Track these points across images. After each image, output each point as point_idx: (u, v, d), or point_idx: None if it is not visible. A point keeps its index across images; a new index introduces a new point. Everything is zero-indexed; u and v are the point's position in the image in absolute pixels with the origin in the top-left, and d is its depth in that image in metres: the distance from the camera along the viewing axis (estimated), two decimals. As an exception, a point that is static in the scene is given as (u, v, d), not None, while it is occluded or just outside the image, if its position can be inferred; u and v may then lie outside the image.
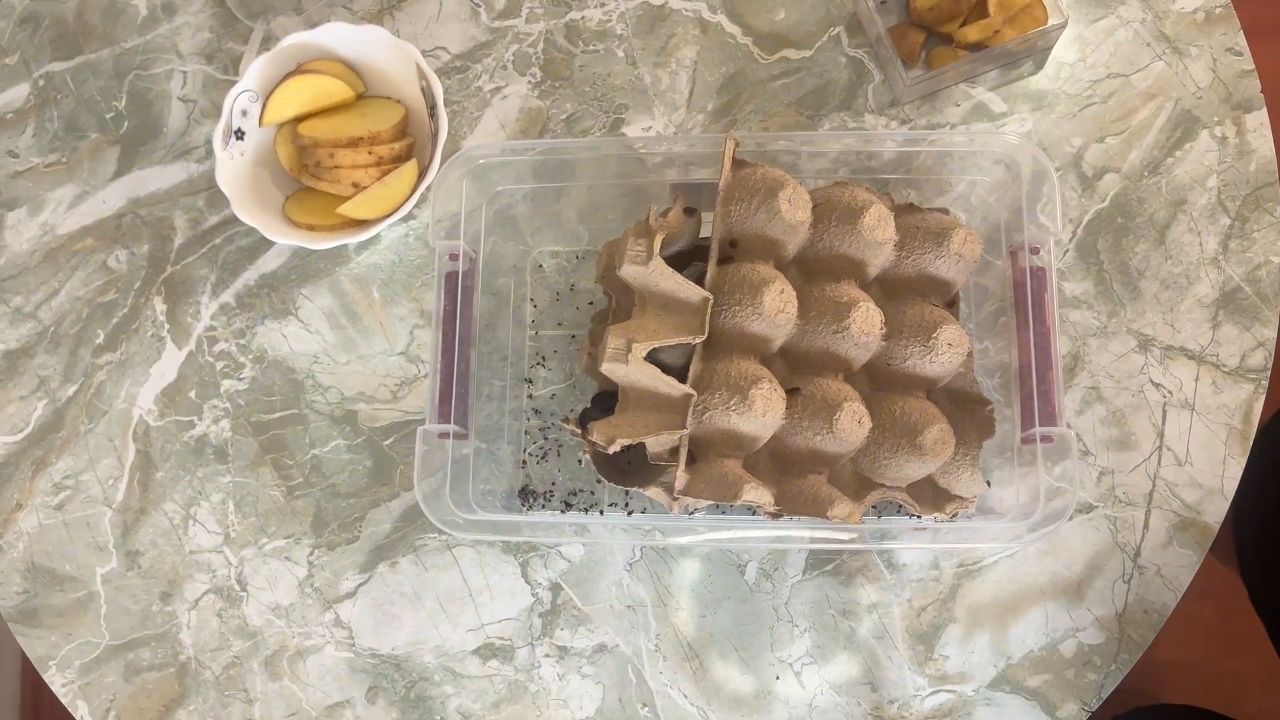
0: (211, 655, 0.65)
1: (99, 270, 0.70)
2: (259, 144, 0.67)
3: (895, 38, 0.66)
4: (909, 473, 0.56)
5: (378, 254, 0.69)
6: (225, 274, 0.69)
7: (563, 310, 0.67)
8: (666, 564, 0.63)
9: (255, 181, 0.67)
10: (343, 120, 0.66)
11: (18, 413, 0.69)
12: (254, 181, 0.67)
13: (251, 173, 0.67)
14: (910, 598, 0.62)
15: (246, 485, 0.66)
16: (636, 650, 0.63)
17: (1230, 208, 0.65)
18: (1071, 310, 0.64)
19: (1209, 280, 0.64)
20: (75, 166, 0.72)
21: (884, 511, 0.61)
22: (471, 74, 0.71)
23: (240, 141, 0.66)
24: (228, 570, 0.65)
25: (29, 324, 0.70)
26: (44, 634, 0.66)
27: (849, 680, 0.62)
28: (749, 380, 0.53)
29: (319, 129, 0.65)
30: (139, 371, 0.68)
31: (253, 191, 0.66)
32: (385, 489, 0.66)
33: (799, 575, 0.63)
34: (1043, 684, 0.61)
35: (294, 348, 0.68)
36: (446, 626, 0.64)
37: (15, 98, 0.73)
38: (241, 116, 0.65)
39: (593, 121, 0.69)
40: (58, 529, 0.67)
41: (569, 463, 0.64)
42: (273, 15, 0.72)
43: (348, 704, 0.63)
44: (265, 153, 0.67)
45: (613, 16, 0.70)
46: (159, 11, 0.74)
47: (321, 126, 0.65)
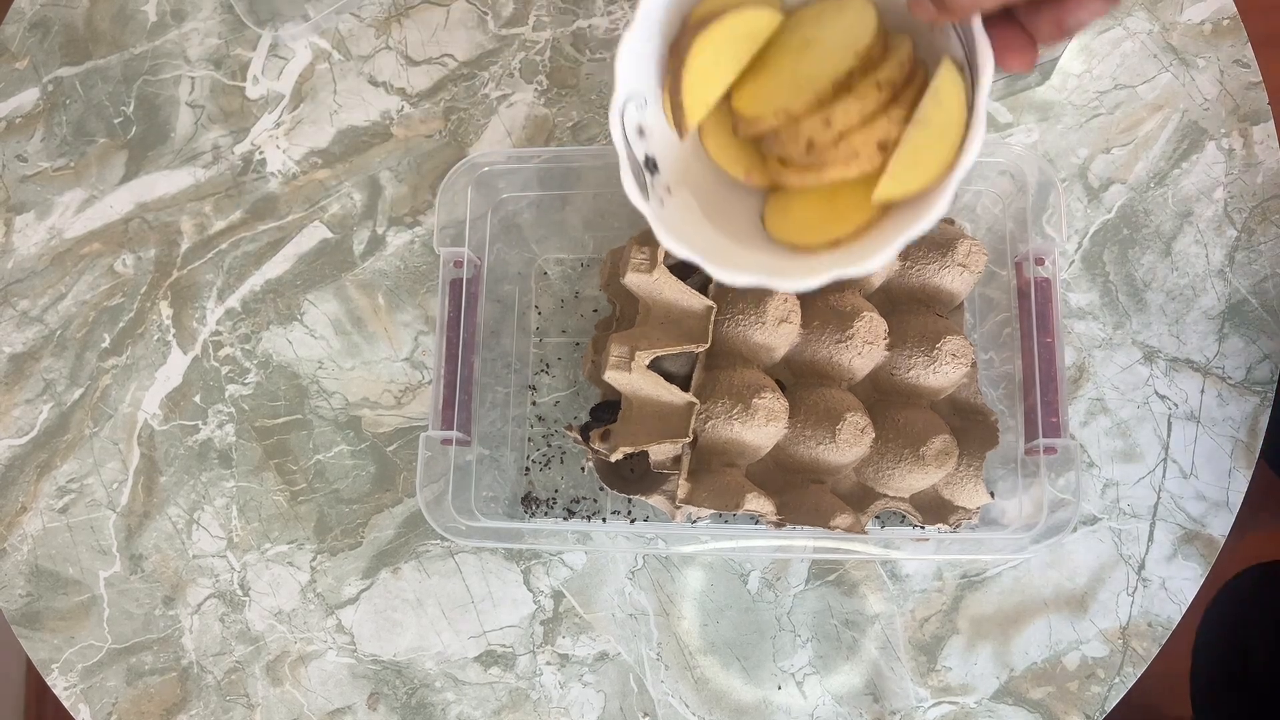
0: (213, 660, 0.65)
1: (105, 274, 0.70)
2: (681, 160, 0.44)
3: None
4: (912, 483, 0.56)
5: (383, 260, 0.69)
6: (231, 279, 0.70)
7: (567, 317, 0.67)
8: (669, 572, 0.63)
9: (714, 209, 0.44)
10: (796, 60, 0.41)
11: (23, 416, 0.69)
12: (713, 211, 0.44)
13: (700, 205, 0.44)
14: (913, 609, 0.62)
15: (250, 490, 0.66)
16: (638, 659, 0.63)
17: (1237, 220, 0.65)
18: (1076, 321, 0.64)
19: (1215, 292, 0.64)
20: (83, 171, 0.72)
21: (887, 522, 0.61)
22: (478, 81, 0.71)
23: (658, 174, 0.43)
24: (230, 575, 0.65)
25: (35, 327, 0.70)
26: (47, 637, 0.66)
27: (851, 691, 0.61)
28: (752, 389, 0.53)
29: (776, 94, 0.41)
30: (144, 376, 0.69)
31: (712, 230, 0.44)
32: (388, 495, 0.66)
33: (801, 585, 0.63)
34: (1045, 696, 0.61)
35: (299, 353, 0.68)
36: (448, 633, 0.64)
37: (25, 102, 0.74)
38: (640, 138, 0.43)
39: (599, 129, 0.69)
40: (61, 532, 0.67)
41: (572, 470, 0.64)
42: (280, 21, 0.72)
43: (349, 710, 0.63)
44: (696, 169, 0.45)
45: (620, 25, 0.71)
46: (168, 18, 0.74)
47: (776, 88, 0.41)
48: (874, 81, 0.39)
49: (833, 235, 0.41)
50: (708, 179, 0.45)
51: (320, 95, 0.72)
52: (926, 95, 0.39)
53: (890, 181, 0.39)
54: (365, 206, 0.70)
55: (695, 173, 0.45)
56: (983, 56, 0.37)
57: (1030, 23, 0.37)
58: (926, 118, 0.39)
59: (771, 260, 0.42)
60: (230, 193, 0.71)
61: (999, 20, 0.37)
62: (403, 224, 0.69)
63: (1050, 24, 0.36)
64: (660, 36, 0.42)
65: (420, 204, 0.69)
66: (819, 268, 0.40)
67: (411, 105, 0.71)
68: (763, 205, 0.45)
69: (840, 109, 0.39)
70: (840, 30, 0.40)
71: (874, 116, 0.39)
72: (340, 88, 0.72)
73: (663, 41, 0.43)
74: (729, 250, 0.43)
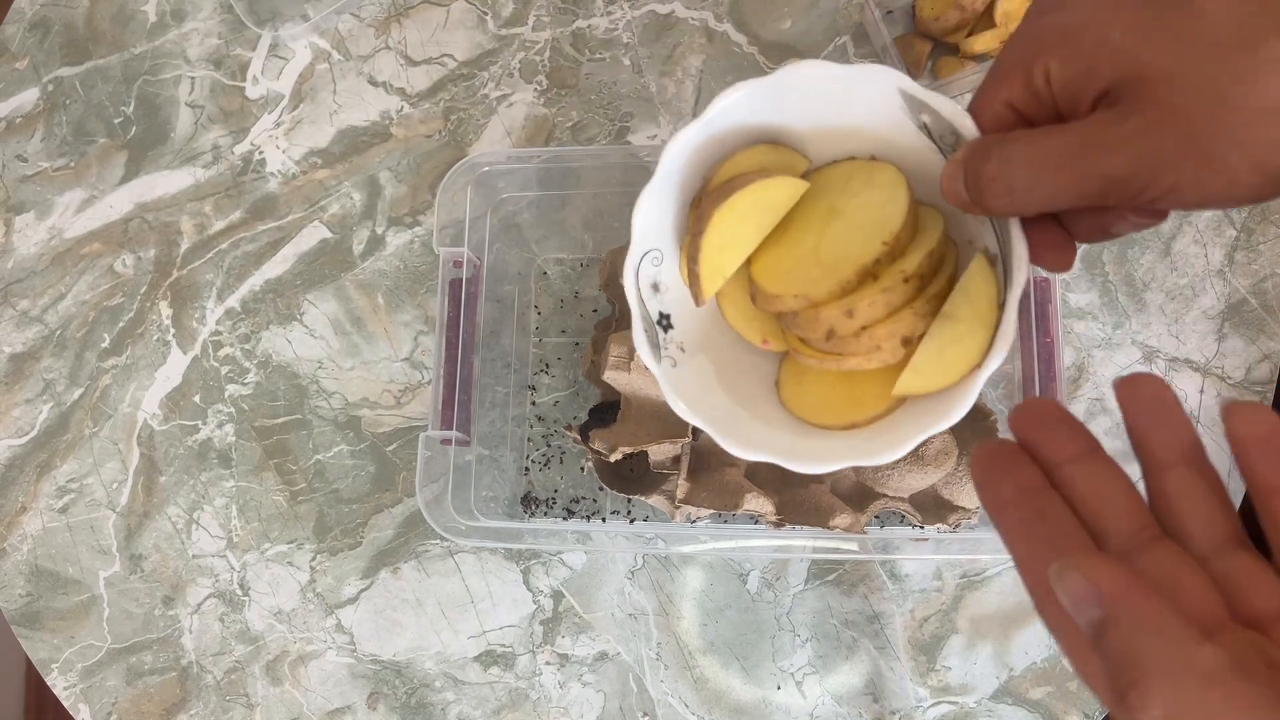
0: (213, 660, 0.65)
1: (105, 274, 0.70)
2: (695, 319, 0.43)
3: (901, 48, 0.66)
4: (911, 483, 0.55)
5: (383, 260, 0.69)
6: (231, 279, 0.70)
7: (566, 317, 0.67)
8: (668, 572, 0.63)
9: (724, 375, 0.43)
10: (820, 234, 0.40)
11: (23, 416, 0.69)
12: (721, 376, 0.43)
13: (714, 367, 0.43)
14: (912, 608, 0.62)
15: (249, 490, 0.66)
16: (638, 658, 0.63)
17: (1236, 219, 0.65)
18: (1076, 321, 0.64)
19: (1214, 292, 0.64)
20: (83, 171, 0.72)
21: (886, 522, 0.61)
22: (478, 81, 0.71)
23: (671, 331, 0.42)
24: (230, 575, 0.66)
25: (35, 327, 0.70)
26: (46, 637, 0.66)
27: (850, 691, 0.61)
28: (751, 389, 0.53)
29: (797, 271, 0.39)
30: (144, 376, 0.69)
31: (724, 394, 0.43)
32: (388, 495, 0.66)
33: (801, 585, 0.63)
34: (1045, 696, 0.61)
35: (298, 353, 0.68)
36: (448, 633, 0.64)
37: (25, 102, 0.74)
38: (654, 294, 0.42)
39: (598, 130, 0.69)
40: (61, 532, 0.67)
41: (571, 470, 0.64)
42: (280, 21, 0.72)
43: (349, 710, 0.63)
44: (711, 328, 0.43)
45: (619, 25, 0.71)
46: (168, 18, 0.74)
47: (796, 264, 0.39)
48: (901, 272, 0.37)
49: (849, 419, 0.40)
50: (723, 340, 0.44)
51: (320, 95, 0.72)
52: (956, 289, 0.37)
53: (912, 376, 0.37)
54: (365, 206, 0.70)
55: (710, 333, 0.44)
56: (1018, 254, 0.35)
57: (1070, 223, 0.35)
58: (954, 313, 0.37)
59: (782, 438, 0.41)
60: (230, 193, 0.71)
61: (1037, 216, 0.35)
62: (402, 224, 0.69)
63: (1093, 229, 0.34)
64: (679, 192, 0.42)
65: (420, 204, 0.69)
66: (833, 455, 0.39)
67: (411, 105, 0.71)
68: (777, 370, 0.44)
69: (864, 301, 0.37)
70: (869, 206, 0.39)
71: (899, 309, 0.38)
72: (340, 88, 0.72)
73: (681, 197, 0.42)
74: (740, 421, 0.42)
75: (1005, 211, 0.33)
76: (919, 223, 0.39)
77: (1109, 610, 0.22)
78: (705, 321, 0.44)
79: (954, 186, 0.34)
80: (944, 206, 0.39)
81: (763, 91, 0.39)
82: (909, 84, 0.38)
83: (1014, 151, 0.32)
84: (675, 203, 0.42)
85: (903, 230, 0.38)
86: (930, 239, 0.38)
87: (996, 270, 0.37)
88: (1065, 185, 0.31)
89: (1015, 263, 0.35)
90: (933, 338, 0.37)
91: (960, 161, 0.34)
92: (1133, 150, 0.29)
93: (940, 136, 0.38)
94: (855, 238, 0.38)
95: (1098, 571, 0.22)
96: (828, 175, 0.41)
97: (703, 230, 0.39)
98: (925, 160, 0.39)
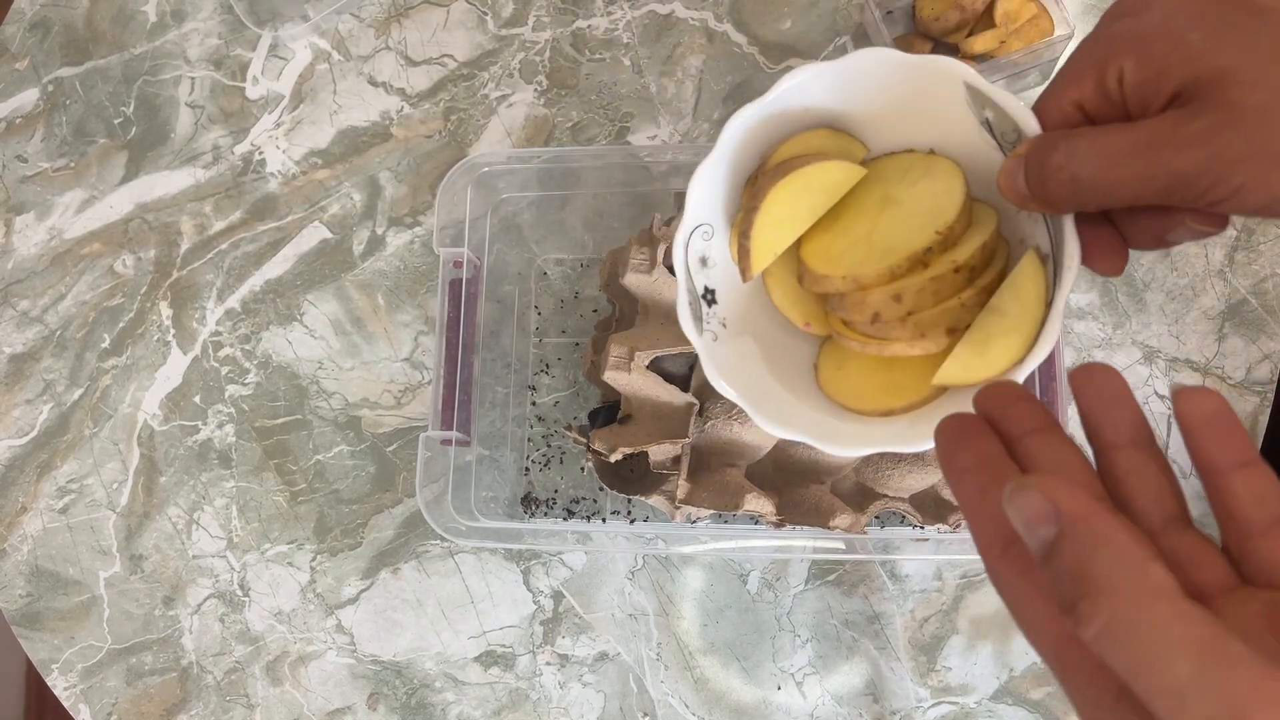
0: (213, 660, 0.65)
1: (105, 275, 0.70)
2: (740, 296, 0.43)
3: (901, 48, 0.66)
4: (911, 483, 0.55)
5: (383, 260, 0.69)
6: (231, 279, 0.70)
7: (566, 318, 0.67)
8: (668, 573, 0.63)
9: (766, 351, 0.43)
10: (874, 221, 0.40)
11: (23, 416, 0.69)
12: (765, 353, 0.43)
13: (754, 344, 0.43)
14: (913, 609, 0.62)
15: (250, 490, 0.66)
16: (638, 659, 0.63)
17: (1237, 220, 0.65)
18: (1076, 321, 0.64)
19: (1215, 292, 0.64)
20: (83, 171, 0.72)
21: (887, 522, 0.61)
22: (478, 82, 0.71)
23: (715, 306, 0.42)
24: (230, 575, 0.66)
25: (35, 328, 0.70)
26: (47, 637, 0.66)
27: (851, 691, 0.61)
28: (752, 390, 0.53)
29: (848, 255, 0.39)
30: (144, 376, 0.69)
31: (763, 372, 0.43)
32: (388, 495, 0.66)
33: (801, 585, 0.63)
34: (1045, 696, 0.61)
35: (299, 353, 0.68)
36: (448, 633, 0.64)
37: (25, 103, 0.74)
38: (701, 268, 0.42)
39: (598, 130, 0.69)
40: (61, 532, 0.67)
41: (571, 470, 0.64)
42: (280, 21, 0.72)
43: (349, 710, 0.63)
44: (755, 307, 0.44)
45: (619, 25, 0.71)
46: (168, 18, 0.74)
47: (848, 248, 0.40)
48: (952, 262, 0.37)
49: (886, 406, 0.40)
50: (764, 319, 0.44)
51: (320, 95, 0.72)
52: (1005, 284, 0.37)
53: (954, 367, 0.37)
54: (365, 207, 0.70)
55: (753, 311, 0.44)
56: (1069, 254, 0.35)
57: (1126, 227, 0.35)
58: (1002, 307, 0.37)
59: (818, 419, 0.41)
60: (230, 193, 0.71)
61: (1092, 217, 0.35)
62: (402, 224, 0.69)
63: (1148, 235, 0.34)
64: (735, 170, 0.42)
65: (420, 204, 0.69)
66: (866, 440, 0.40)
67: (411, 105, 0.71)
68: (816, 353, 0.44)
69: (913, 287, 0.37)
70: (925, 197, 0.39)
71: (947, 298, 0.37)
72: (340, 88, 0.72)
73: (736, 174, 0.42)
74: (777, 398, 0.42)
75: (1067, 202, 0.33)
76: (973, 217, 0.39)
77: (1064, 526, 0.22)
78: (749, 301, 0.44)
79: (1013, 180, 0.35)
80: (999, 204, 0.39)
81: (829, 75, 0.39)
82: (975, 78, 0.38)
83: (1082, 144, 0.32)
84: (730, 180, 0.42)
85: (957, 221, 0.38)
86: (984, 232, 0.38)
87: (1047, 269, 0.37)
88: (1131, 179, 0.31)
89: (1066, 262, 0.35)
90: (978, 330, 0.37)
91: (1023, 155, 0.34)
92: (1202, 148, 0.29)
93: (1002, 134, 0.38)
94: (909, 226, 0.38)
95: (1055, 489, 0.23)
96: (885, 165, 0.41)
97: (757, 206, 0.39)
98: (984, 157, 0.39)
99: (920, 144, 0.41)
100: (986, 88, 0.37)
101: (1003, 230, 0.40)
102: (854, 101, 0.41)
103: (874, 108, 0.41)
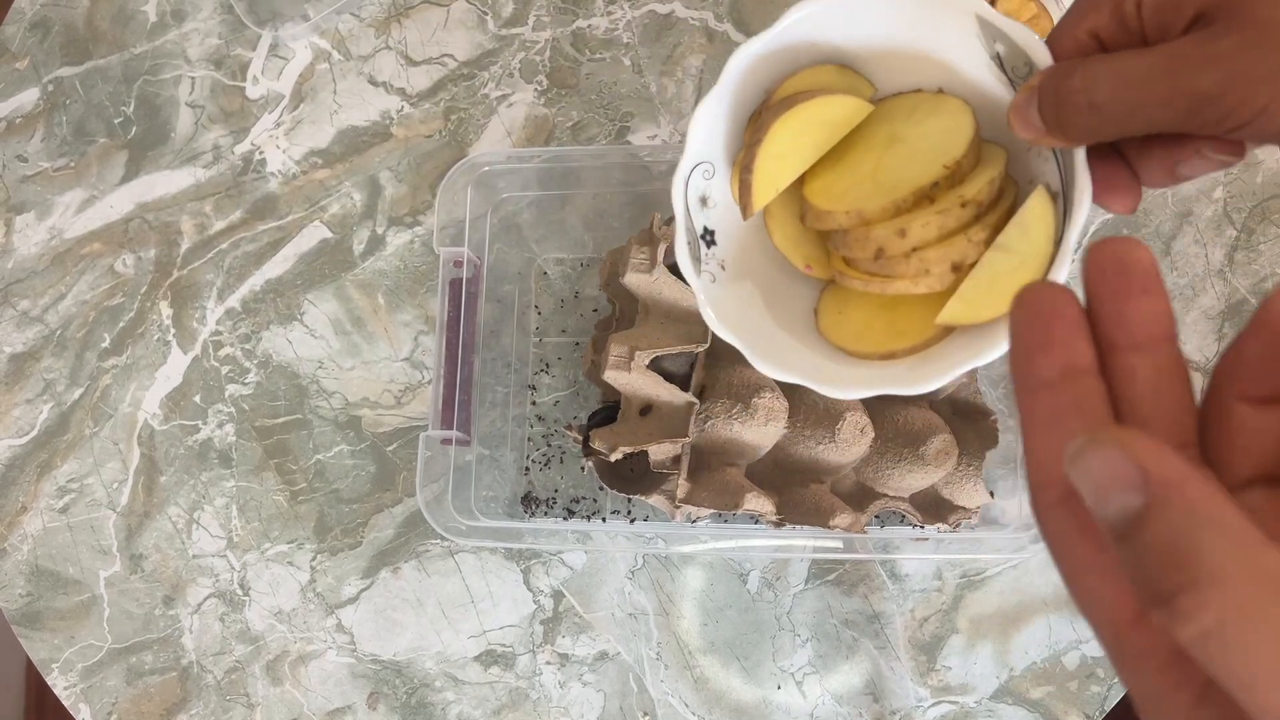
0: (213, 660, 0.65)
1: (106, 274, 0.70)
2: (740, 238, 0.42)
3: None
4: (912, 483, 0.56)
5: (383, 260, 0.69)
6: (231, 279, 0.70)
7: (567, 317, 0.67)
8: (668, 572, 0.63)
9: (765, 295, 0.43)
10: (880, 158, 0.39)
11: (23, 416, 0.69)
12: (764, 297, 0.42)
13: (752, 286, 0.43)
14: (913, 608, 0.62)
15: (250, 490, 0.66)
16: (638, 658, 0.63)
17: (1236, 219, 0.65)
18: (1076, 321, 0.64)
19: (1215, 292, 0.64)
20: (83, 171, 0.72)
21: (886, 521, 0.61)
22: (478, 81, 0.71)
23: (714, 248, 0.41)
24: (230, 575, 0.66)
25: (36, 327, 0.70)
26: (47, 637, 0.66)
27: (851, 690, 0.61)
28: (751, 389, 0.53)
29: (852, 191, 0.39)
30: (144, 375, 0.69)
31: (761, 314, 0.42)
32: (388, 495, 0.66)
33: (801, 585, 0.63)
34: (1045, 696, 0.61)
35: (299, 353, 0.68)
36: (448, 633, 0.64)
37: (25, 102, 0.74)
38: (701, 208, 0.41)
39: (598, 129, 0.69)
40: (62, 532, 0.67)
41: (572, 470, 0.64)
42: (280, 21, 0.72)
43: (349, 709, 0.63)
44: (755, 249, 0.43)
45: (619, 25, 0.71)
46: (168, 18, 0.74)
47: (852, 185, 0.39)
48: (959, 197, 0.36)
49: (887, 348, 0.39)
50: (765, 262, 0.43)
51: (320, 95, 0.72)
52: (1013, 221, 0.36)
53: (959, 305, 0.36)
54: (365, 206, 0.70)
55: (753, 254, 0.43)
56: (1080, 190, 0.34)
57: (1138, 161, 0.34)
58: (1009, 244, 0.36)
59: (818, 363, 0.41)
60: (230, 193, 0.71)
61: (1104, 153, 0.34)
62: (403, 224, 0.69)
63: (1161, 170, 0.33)
64: (738, 106, 0.41)
65: (420, 204, 0.69)
66: (867, 383, 0.39)
67: (411, 105, 0.71)
68: (817, 298, 0.43)
69: (918, 222, 0.36)
70: (932, 134, 0.38)
71: (953, 234, 0.36)
72: (340, 88, 0.72)
73: (739, 111, 0.41)
74: (775, 341, 0.41)
75: (1082, 131, 0.32)
76: (981, 153, 0.38)
77: (1155, 496, 0.18)
78: (749, 244, 0.43)
79: (1026, 113, 0.34)
80: (1009, 144, 0.39)
81: (837, 8, 0.38)
82: (986, 9, 0.37)
83: (1099, 69, 0.31)
84: (733, 117, 0.41)
85: (965, 157, 0.37)
86: (993, 169, 0.37)
87: (1057, 207, 0.36)
88: (1151, 102, 0.30)
89: (1077, 198, 0.34)
90: (984, 267, 0.36)
91: (1035, 86, 0.33)
92: (1226, 68, 0.28)
93: (1013, 68, 0.37)
94: (916, 161, 0.38)
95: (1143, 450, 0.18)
96: (892, 105, 0.40)
97: (760, 140, 0.39)
98: (993, 96, 0.38)
99: (929, 84, 0.40)
100: (998, 19, 0.36)
101: (1011, 170, 0.39)
102: (862, 38, 0.40)
103: (882, 45, 0.40)
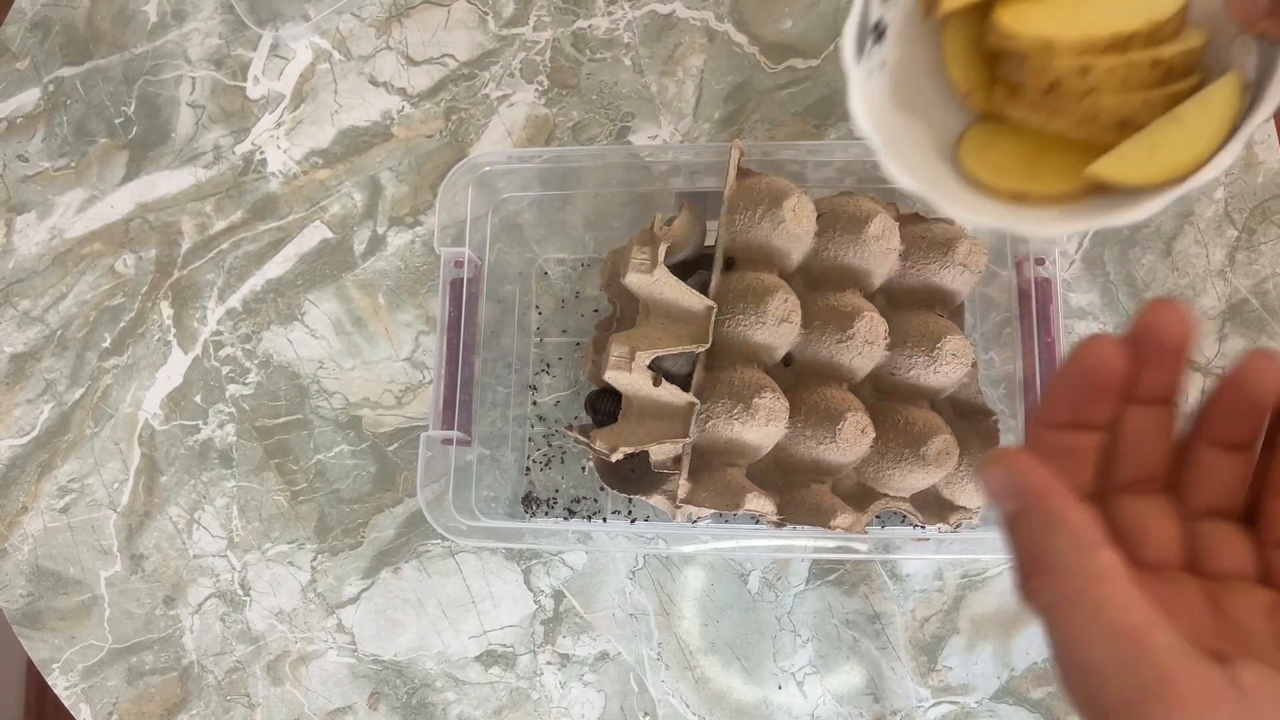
0: (214, 660, 0.65)
1: (106, 274, 0.70)
2: (909, 45, 0.41)
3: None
4: (912, 483, 0.55)
5: (384, 260, 0.69)
6: (232, 279, 0.70)
7: (567, 317, 0.67)
8: (669, 572, 0.63)
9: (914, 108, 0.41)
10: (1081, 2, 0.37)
11: (24, 416, 0.69)
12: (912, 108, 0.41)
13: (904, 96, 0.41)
14: (913, 608, 0.62)
15: (250, 490, 0.66)
16: (638, 658, 0.63)
17: (1237, 220, 0.65)
18: (1077, 321, 0.64)
19: (1215, 292, 0.64)
20: (84, 171, 0.72)
21: (887, 522, 0.61)
22: (479, 81, 0.71)
23: (881, 45, 0.40)
24: (231, 575, 0.66)
25: (36, 327, 0.70)
26: (47, 636, 0.66)
27: (851, 691, 0.61)
28: (752, 389, 0.53)
29: (1045, 19, 0.37)
30: (145, 375, 0.69)
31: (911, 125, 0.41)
32: (389, 495, 0.66)
33: (802, 585, 0.63)
34: (1046, 696, 0.61)
35: (299, 353, 0.68)
36: (449, 633, 0.64)
37: (25, 102, 0.74)
38: (882, 3, 0.39)
39: (599, 130, 0.69)
40: (62, 532, 0.67)
41: (572, 470, 0.64)
42: (281, 21, 0.72)
43: (349, 710, 0.63)
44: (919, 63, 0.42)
45: (620, 25, 0.71)
46: (169, 18, 0.74)
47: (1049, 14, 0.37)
48: (1152, 56, 0.35)
49: (1022, 187, 0.38)
50: (925, 80, 0.42)
51: (321, 95, 0.72)
52: (1197, 96, 0.36)
53: (1113, 162, 0.35)
54: (366, 206, 0.70)
55: (915, 67, 0.41)
56: (1276, 86, 0.33)
57: None
58: (1185, 116, 0.35)
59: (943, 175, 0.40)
60: (231, 193, 0.71)
61: None
62: (403, 224, 0.69)
63: None
64: None
65: (421, 204, 0.69)
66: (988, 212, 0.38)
67: (412, 105, 0.71)
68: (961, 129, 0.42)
69: (1105, 65, 0.35)
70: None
71: (1133, 89, 0.36)
72: (341, 88, 0.72)
73: None
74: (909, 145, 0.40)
75: None
76: (1184, 30, 0.37)
77: (1024, 503, 0.24)
78: (915, 55, 0.41)
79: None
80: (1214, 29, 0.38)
81: None
82: None
83: None
84: None
85: (1170, 20, 0.36)
86: (1192, 42, 0.37)
87: (1244, 97, 0.36)
88: None
89: (1270, 92, 0.34)
90: (1151, 132, 0.35)
91: None
92: None
93: None
94: (1120, 8, 0.36)
95: (1020, 467, 0.24)
96: None
97: None
98: None
99: None
100: None
101: (1207, 57, 0.38)
102: None
103: None
